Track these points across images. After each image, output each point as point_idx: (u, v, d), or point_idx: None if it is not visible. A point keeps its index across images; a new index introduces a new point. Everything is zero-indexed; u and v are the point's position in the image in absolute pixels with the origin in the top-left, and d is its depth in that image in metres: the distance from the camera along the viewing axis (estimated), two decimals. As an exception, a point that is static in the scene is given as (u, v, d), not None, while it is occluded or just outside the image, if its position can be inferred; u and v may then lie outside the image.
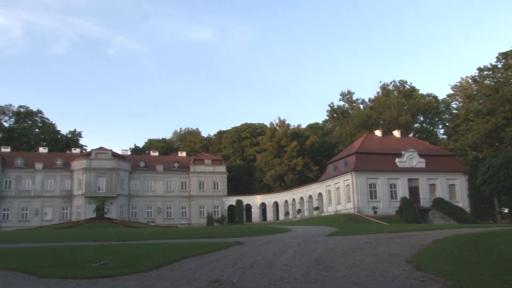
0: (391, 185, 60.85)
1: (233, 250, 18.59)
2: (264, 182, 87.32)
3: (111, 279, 12.15)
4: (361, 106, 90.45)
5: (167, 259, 15.44)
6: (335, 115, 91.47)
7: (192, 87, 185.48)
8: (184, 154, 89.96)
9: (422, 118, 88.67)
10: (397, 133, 71.34)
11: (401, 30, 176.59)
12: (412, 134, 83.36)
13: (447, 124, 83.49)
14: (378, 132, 71.24)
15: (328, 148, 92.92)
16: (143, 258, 16.16)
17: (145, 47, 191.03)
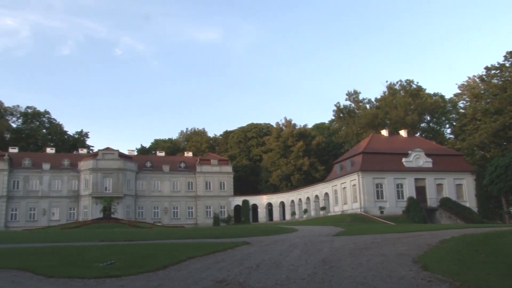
0: (398, 185, 60.63)
1: (240, 250, 18.59)
2: (271, 182, 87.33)
3: (118, 279, 12.18)
4: (368, 106, 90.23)
5: (174, 259, 15.46)
6: (341, 115, 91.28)
7: (199, 87, 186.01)
8: (191, 154, 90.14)
9: (429, 118, 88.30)
10: (404, 133, 71.05)
11: (408, 30, 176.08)
12: (419, 134, 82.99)
13: (454, 124, 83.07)
14: (385, 132, 71.01)
15: (334, 148, 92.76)
16: (150, 258, 16.20)
17: (152, 48, 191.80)
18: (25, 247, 22.27)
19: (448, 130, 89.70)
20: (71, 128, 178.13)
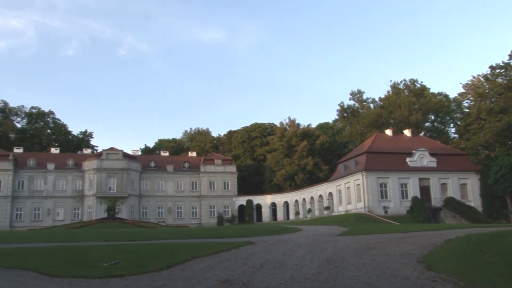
0: (402, 185, 60.47)
1: (244, 250, 18.60)
2: (274, 182, 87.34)
3: (122, 279, 12.21)
4: (372, 105, 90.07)
5: (178, 259, 15.48)
6: (345, 115, 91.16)
7: (202, 87, 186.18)
8: (194, 154, 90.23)
9: (433, 117, 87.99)
10: (408, 132, 70.85)
11: (412, 29, 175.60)
12: (423, 133, 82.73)
13: (459, 123, 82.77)
14: (389, 132, 70.83)
15: (338, 148, 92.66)
16: (154, 258, 16.24)
17: (155, 48, 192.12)
18: (30, 247, 22.36)
19: (453, 130, 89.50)
20: (76, 128, 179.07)
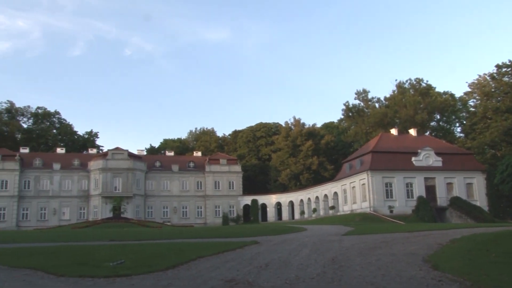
0: (407, 184, 60.29)
1: (249, 250, 18.62)
2: (280, 182, 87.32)
3: (128, 278, 12.26)
4: (377, 105, 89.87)
5: (183, 259, 15.52)
6: (351, 114, 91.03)
7: (207, 87, 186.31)
8: (200, 154, 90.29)
9: (439, 117, 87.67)
10: (413, 132, 70.61)
11: (417, 28, 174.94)
12: (429, 133, 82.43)
13: (465, 122, 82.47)
14: (394, 131, 70.61)
15: (344, 147, 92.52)
16: (160, 258, 16.29)
17: (161, 48, 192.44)
18: (36, 247, 22.48)
19: (458, 129, 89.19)
20: (81, 128, 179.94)
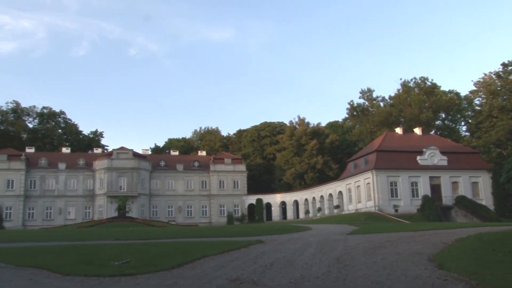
0: (412, 183, 60.11)
1: (254, 249, 18.62)
2: (284, 181, 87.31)
3: (133, 277, 12.27)
4: (382, 104, 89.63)
5: (188, 258, 15.53)
6: (355, 113, 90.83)
7: (212, 87, 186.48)
8: (204, 153, 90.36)
9: (444, 115, 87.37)
10: (418, 131, 70.38)
11: (422, 26, 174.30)
12: (434, 132, 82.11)
13: (470, 121, 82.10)
14: (399, 130, 70.41)
15: (348, 146, 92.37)
16: (165, 257, 16.30)
17: (165, 48, 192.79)
18: (42, 246, 22.55)
19: (464, 128, 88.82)
20: (86, 128, 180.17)
